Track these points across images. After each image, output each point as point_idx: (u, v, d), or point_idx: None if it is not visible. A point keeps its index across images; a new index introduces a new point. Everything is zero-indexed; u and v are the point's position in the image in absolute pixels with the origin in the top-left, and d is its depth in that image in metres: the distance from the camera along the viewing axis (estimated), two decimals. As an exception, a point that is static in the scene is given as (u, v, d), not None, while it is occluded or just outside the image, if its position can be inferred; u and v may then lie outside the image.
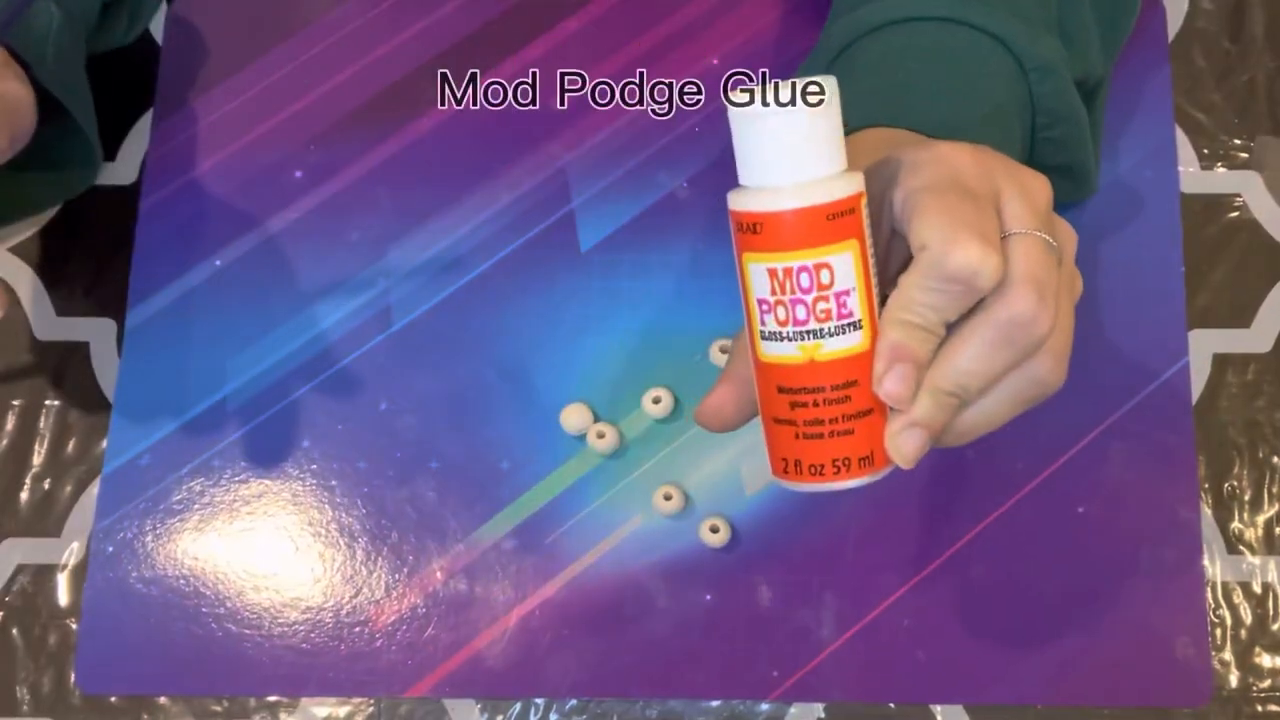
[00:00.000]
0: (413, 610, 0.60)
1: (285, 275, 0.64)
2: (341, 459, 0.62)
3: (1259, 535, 0.60)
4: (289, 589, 0.60)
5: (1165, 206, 0.64)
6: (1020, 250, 0.43)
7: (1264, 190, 0.64)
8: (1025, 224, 0.43)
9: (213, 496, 0.62)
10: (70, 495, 0.62)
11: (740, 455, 0.61)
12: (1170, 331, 0.62)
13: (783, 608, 0.59)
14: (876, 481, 0.44)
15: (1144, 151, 0.64)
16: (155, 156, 0.66)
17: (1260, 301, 0.63)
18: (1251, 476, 0.61)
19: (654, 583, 0.59)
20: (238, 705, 0.59)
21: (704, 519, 0.60)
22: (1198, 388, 0.61)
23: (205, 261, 0.64)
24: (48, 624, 0.60)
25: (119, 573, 0.60)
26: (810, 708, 0.58)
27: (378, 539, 0.61)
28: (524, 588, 0.60)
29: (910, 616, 0.59)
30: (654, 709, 0.58)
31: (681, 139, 0.65)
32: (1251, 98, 0.66)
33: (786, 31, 0.67)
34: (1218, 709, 0.58)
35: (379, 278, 0.64)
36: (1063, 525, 0.59)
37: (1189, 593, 0.59)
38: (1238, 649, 0.58)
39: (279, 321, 0.63)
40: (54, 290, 0.65)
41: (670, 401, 0.61)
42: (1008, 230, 0.43)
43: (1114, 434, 0.60)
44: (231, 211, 0.65)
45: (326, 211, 0.65)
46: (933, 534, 0.59)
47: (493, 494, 0.61)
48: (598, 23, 0.67)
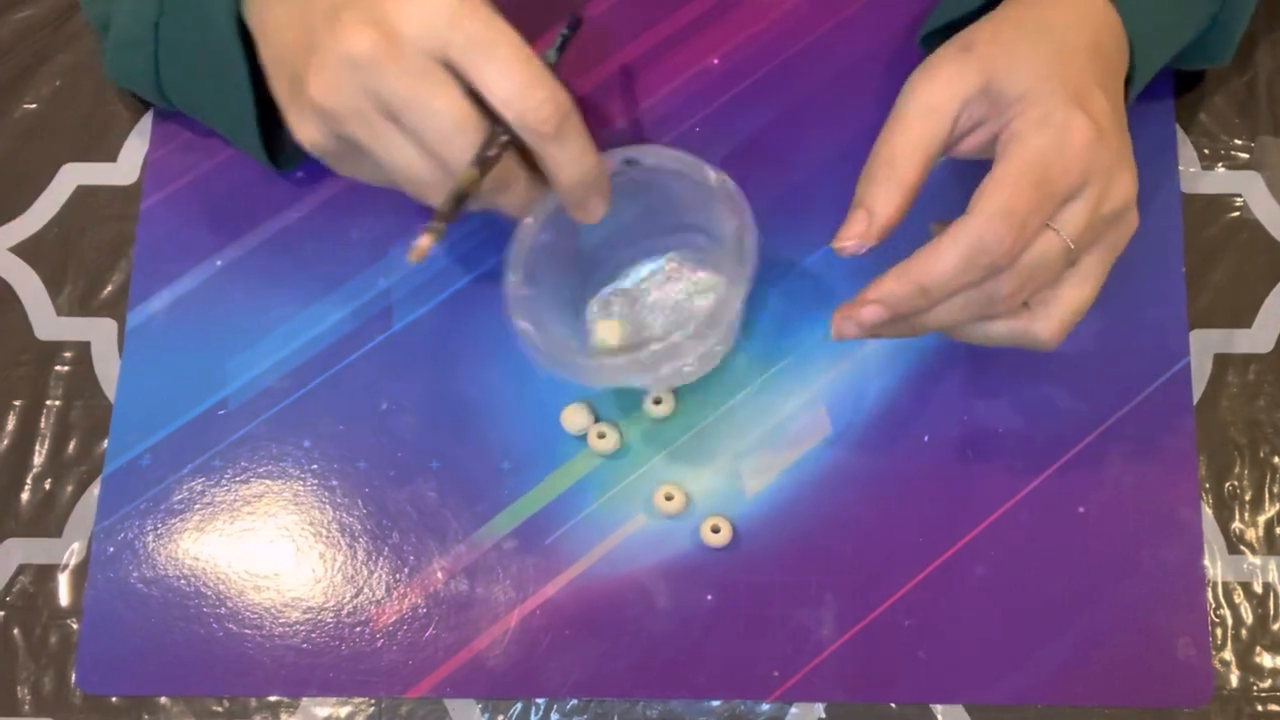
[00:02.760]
0: (414, 610, 0.60)
1: (285, 275, 0.64)
2: (342, 459, 0.62)
3: (1260, 535, 0.60)
4: (290, 589, 0.60)
5: (1165, 206, 0.64)
6: (1043, 244, 0.49)
7: (1265, 190, 0.64)
8: (1064, 225, 0.49)
9: (213, 496, 0.62)
10: (71, 495, 0.62)
11: (741, 455, 0.61)
12: (1171, 331, 0.62)
13: (783, 608, 0.59)
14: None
15: (1144, 151, 0.64)
16: (155, 156, 0.66)
17: (1261, 301, 0.63)
18: (1252, 476, 0.61)
19: (655, 583, 0.59)
20: (238, 705, 0.59)
21: (705, 519, 0.60)
22: (1198, 388, 0.61)
23: (205, 261, 0.64)
24: (48, 624, 0.60)
25: (120, 573, 0.61)
26: (810, 708, 0.58)
27: (378, 539, 0.61)
28: (525, 588, 0.60)
29: (910, 616, 0.59)
30: (654, 709, 0.58)
31: (682, 138, 0.65)
32: (1251, 98, 0.66)
33: (786, 31, 0.67)
34: (1218, 709, 0.58)
35: (379, 278, 0.64)
36: (1063, 525, 0.59)
37: (1189, 593, 0.59)
38: (1238, 649, 0.58)
39: (279, 321, 0.63)
40: (54, 290, 0.65)
41: (671, 401, 0.61)
42: (1052, 223, 0.49)
43: (1114, 434, 0.60)
44: (231, 211, 0.65)
45: (326, 211, 0.65)
46: (933, 534, 0.59)
47: (493, 494, 0.61)
48: (598, 22, 0.67)
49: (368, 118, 0.50)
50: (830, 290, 0.63)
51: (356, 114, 0.50)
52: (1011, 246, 0.48)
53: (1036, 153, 0.49)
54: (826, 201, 0.63)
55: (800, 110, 0.65)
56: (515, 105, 0.49)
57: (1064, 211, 0.50)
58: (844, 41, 0.66)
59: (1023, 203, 0.48)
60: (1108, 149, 0.50)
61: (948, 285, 0.49)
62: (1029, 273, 0.50)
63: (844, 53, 0.66)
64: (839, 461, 0.60)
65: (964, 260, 0.48)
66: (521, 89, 0.49)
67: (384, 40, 0.49)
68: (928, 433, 0.61)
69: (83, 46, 0.69)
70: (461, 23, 0.49)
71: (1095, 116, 0.50)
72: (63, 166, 0.67)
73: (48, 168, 0.67)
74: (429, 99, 0.49)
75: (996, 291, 0.50)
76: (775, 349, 0.62)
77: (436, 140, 0.50)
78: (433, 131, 0.50)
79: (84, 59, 0.68)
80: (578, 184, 0.53)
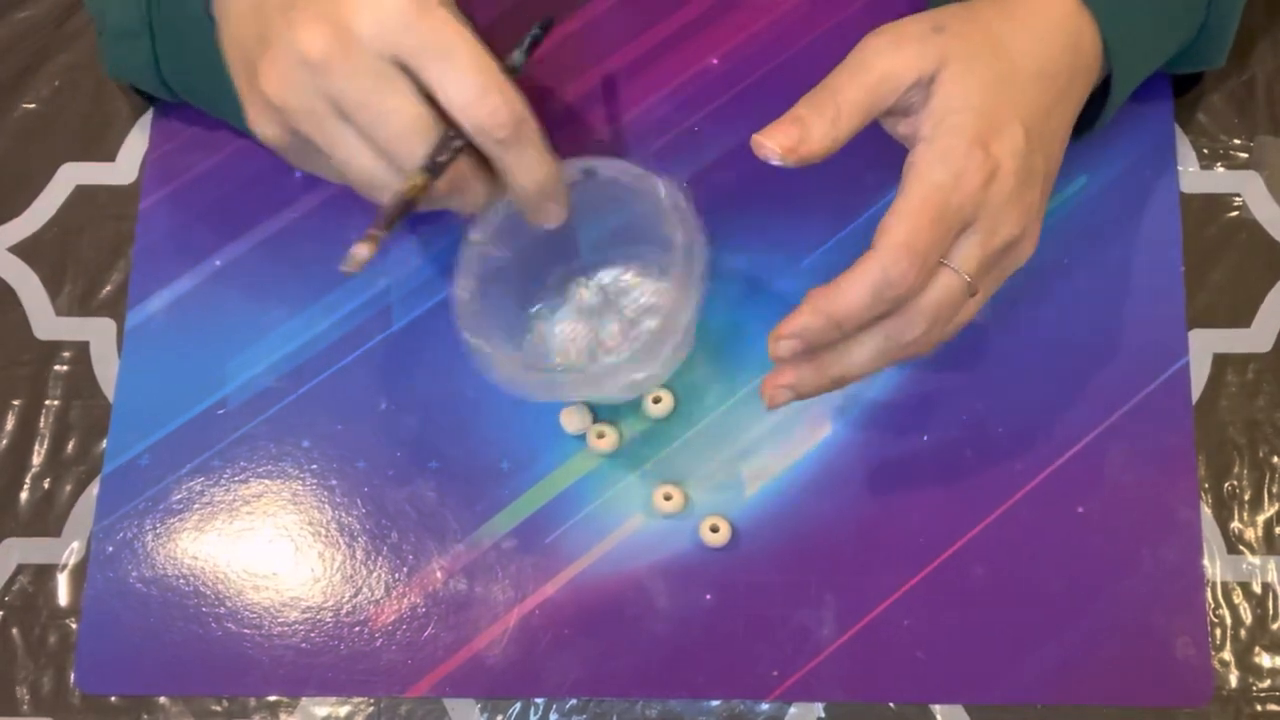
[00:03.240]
0: (413, 610, 0.60)
1: (285, 275, 0.64)
2: (341, 459, 0.62)
3: (1259, 535, 0.60)
4: (289, 589, 0.60)
5: (1165, 206, 0.64)
6: (936, 285, 0.51)
7: (1264, 190, 0.64)
8: (963, 262, 0.51)
9: (213, 496, 0.61)
10: (70, 495, 0.62)
11: (740, 455, 0.61)
12: (1170, 331, 0.62)
13: (783, 608, 0.59)
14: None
15: (1144, 151, 0.64)
16: (155, 156, 0.66)
17: (1260, 301, 0.63)
18: (1251, 476, 0.61)
19: (654, 583, 0.59)
20: (238, 705, 0.59)
21: (704, 519, 0.60)
22: (1198, 387, 0.61)
23: (205, 261, 0.64)
24: (48, 624, 0.60)
25: (119, 572, 0.60)
26: (810, 707, 0.58)
27: (377, 539, 0.61)
28: (524, 587, 0.60)
29: (910, 616, 0.59)
30: (654, 709, 0.58)
31: (681, 138, 0.65)
32: (1251, 98, 0.66)
33: (786, 31, 0.67)
34: (1218, 709, 0.58)
35: (379, 278, 0.64)
36: (1063, 525, 0.59)
37: (1189, 593, 0.59)
38: (1238, 649, 0.58)
39: (278, 321, 0.63)
40: (53, 290, 0.65)
41: (670, 401, 0.61)
42: (950, 262, 0.51)
43: (1114, 434, 0.60)
44: (231, 212, 0.65)
45: (326, 211, 0.65)
46: (933, 534, 0.59)
47: (493, 494, 0.61)
48: (597, 22, 0.67)
49: (320, 117, 0.50)
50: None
51: (309, 113, 0.50)
52: (915, 280, 0.49)
53: (934, 187, 0.50)
54: (826, 201, 0.63)
55: (800, 110, 0.65)
56: (470, 111, 0.49)
57: (958, 249, 0.51)
58: (844, 41, 0.65)
59: (923, 238, 0.49)
60: (1000, 189, 0.51)
61: (857, 317, 0.50)
62: (934, 313, 0.51)
63: (844, 53, 0.66)
64: (839, 461, 0.60)
65: (871, 293, 0.49)
66: (476, 95, 0.49)
67: (337, 40, 0.48)
68: (928, 433, 0.61)
69: (83, 46, 0.69)
70: (416, 25, 0.48)
71: (996, 155, 0.51)
72: (62, 166, 0.67)
73: (47, 167, 0.67)
74: (381, 101, 0.49)
75: (907, 335, 0.51)
76: (774, 349, 0.62)
77: (389, 142, 0.50)
78: (385, 132, 0.49)
79: (84, 59, 0.68)
80: (534, 191, 0.52)
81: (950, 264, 0.51)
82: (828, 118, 0.51)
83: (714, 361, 0.62)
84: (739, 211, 0.63)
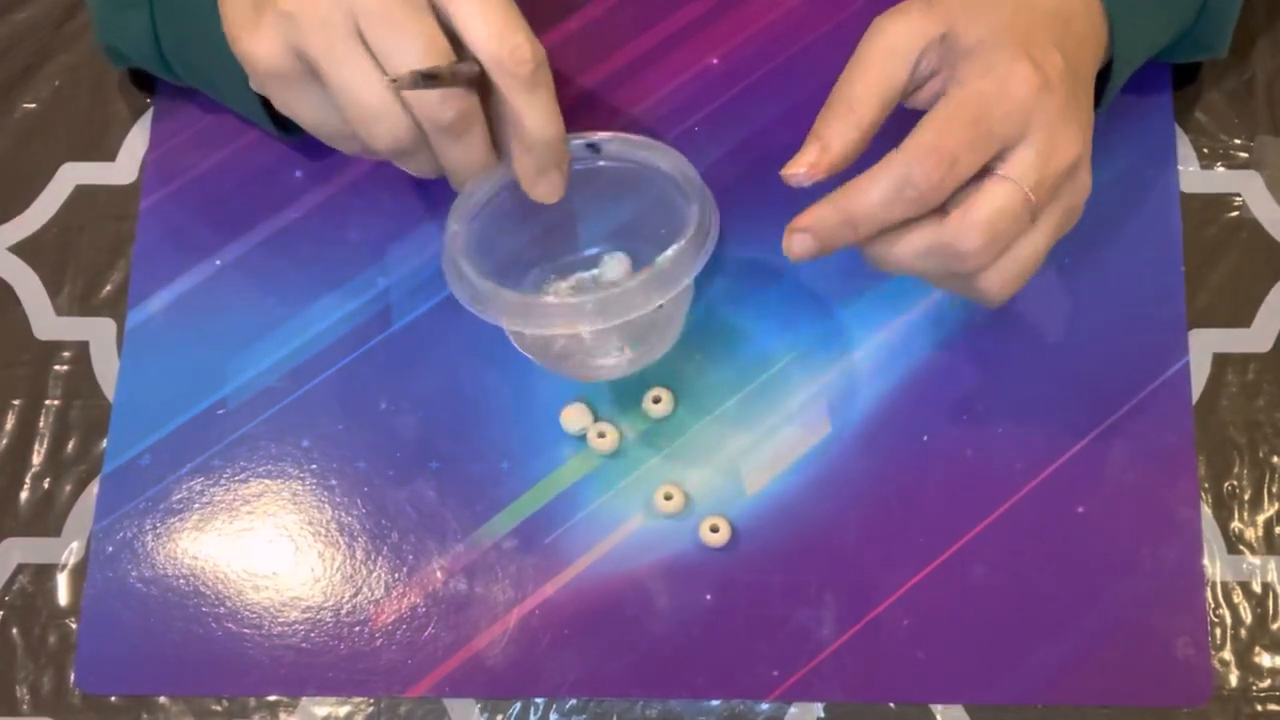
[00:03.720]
0: (412, 610, 0.60)
1: (285, 275, 0.64)
2: (341, 459, 0.62)
3: (1259, 535, 0.60)
4: (289, 588, 0.60)
5: (1165, 206, 0.64)
6: (992, 193, 0.48)
7: (1264, 190, 0.64)
8: (1021, 174, 0.48)
9: (213, 496, 0.62)
10: (70, 495, 0.62)
11: (740, 455, 0.61)
12: (1170, 331, 0.62)
13: (783, 608, 0.59)
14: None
15: (1144, 151, 0.64)
16: (155, 156, 0.66)
17: (1260, 301, 0.63)
18: (1251, 476, 0.61)
19: (654, 583, 0.59)
20: (237, 705, 0.59)
21: (704, 519, 0.60)
22: (1198, 387, 0.61)
23: (205, 261, 0.64)
24: (47, 624, 0.60)
25: (119, 572, 0.60)
26: (810, 707, 0.58)
27: (377, 539, 0.61)
28: (524, 587, 0.60)
29: (910, 616, 0.59)
30: (654, 709, 0.58)
31: (682, 138, 0.65)
32: (1251, 97, 0.66)
33: (786, 31, 0.67)
34: (1218, 709, 0.58)
35: (378, 277, 0.64)
36: (1063, 525, 0.59)
37: (1189, 592, 0.59)
38: (1238, 648, 0.58)
39: (279, 321, 0.63)
40: (53, 290, 0.65)
41: (670, 401, 0.61)
42: (1000, 171, 0.48)
43: (1114, 434, 0.60)
44: (231, 211, 0.65)
45: (326, 211, 0.65)
46: (933, 534, 0.59)
47: (493, 494, 0.61)
48: (598, 23, 0.67)
49: (334, 28, 0.49)
50: (831, 289, 0.63)
51: (324, 23, 0.49)
52: (940, 181, 0.48)
53: (974, 93, 0.48)
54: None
55: (800, 110, 0.65)
56: (493, 45, 0.49)
57: (1013, 159, 0.49)
58: (844, 41, 0.66)
59: (953, 139, 0.48)
60: (1053, 100, 0.49)
61: (874, 218, 0.49)
62: (990, 227, 0.49)
63: (844, 52, 0.66)
64: (838, 461, 0.60)
65: (890, 192, 0.48)
66: (501, 29, 0.49)
67: None
68: (927, 433, 0.61)
69: (83, 46, 0.69)
70: None
71: (1044, 67, 0.49)
72: (62, 166, 0.67)
73: (47, 167, 0.67)
74: (405, 18, 0.49)
75: (962, 244, 0.49)
76: (775, 349, 0.62)
77: (400, 59, 0.49)
78: (399, 51, 0.49)
79: (84, 59, 0.68)
80: (542, 143, 0.52)
81: (1006, 174, 0.49)
82: (840, 119, 0.50)
83: (714, 361, 0.62)
84: (739, 212, 0.63)
